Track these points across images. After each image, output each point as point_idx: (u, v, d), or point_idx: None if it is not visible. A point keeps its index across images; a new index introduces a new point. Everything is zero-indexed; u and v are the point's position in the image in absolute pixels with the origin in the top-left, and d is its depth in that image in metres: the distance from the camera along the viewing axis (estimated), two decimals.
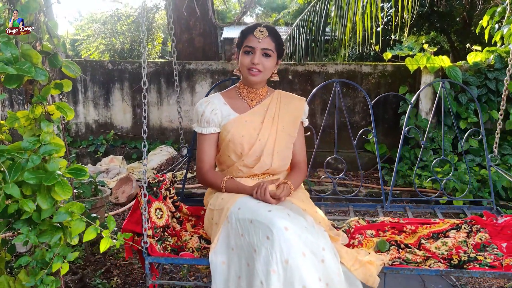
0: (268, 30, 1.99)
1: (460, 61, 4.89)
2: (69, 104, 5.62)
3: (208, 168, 2.08)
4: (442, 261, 1.89)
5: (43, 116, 1.58)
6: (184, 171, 2.77)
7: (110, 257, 2.99)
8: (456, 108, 4.56)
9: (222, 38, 14.61)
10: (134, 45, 10.78)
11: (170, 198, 2.24)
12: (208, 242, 2.06)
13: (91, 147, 5.62)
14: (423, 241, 2.10)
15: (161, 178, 2.17)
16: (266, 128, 2.05)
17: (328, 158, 2.84)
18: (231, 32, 14.78)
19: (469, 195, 3.90)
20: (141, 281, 2.72)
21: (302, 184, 2.20)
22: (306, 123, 2.24)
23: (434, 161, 2.92)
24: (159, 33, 11.74)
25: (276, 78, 2.10)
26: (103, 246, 1.60)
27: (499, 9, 4.83)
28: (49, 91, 1.59)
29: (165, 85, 5.55)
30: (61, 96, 3.24)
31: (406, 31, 6.24)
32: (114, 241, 1.62)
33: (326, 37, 6.92)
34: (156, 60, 9.14)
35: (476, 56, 4.78)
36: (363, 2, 5.96)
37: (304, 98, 2.21)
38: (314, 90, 2.69)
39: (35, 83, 1.61)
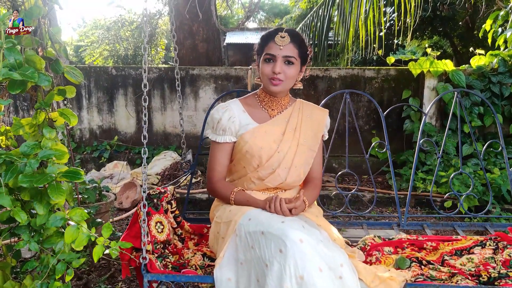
0: (290, 36, 1.84)
1: (464, 65, 4.89)
2: (73, 110, 5.65)
3: (218, 178, 1.96)
4: (470, 277, 1.76)
5: (46, 123, 1.58)
6: (188, 177, 2.73)
7: (115, 263, 2.99)
8: (460, 112, 4.55)
9: (225, 44, 14.65)
10: (137, 51, 10.81)
11: (172, 212, 2.13)
12: (213, 260, 1.93)
13: (95, 152, 5.63)
14: (446, 257, 1.98)
15: (162, 190, 2.07)
16: (287, 141, 1.92)
17: (340, 172, 2.79)
18: (234, 38, 14.84)
19: (474, 199, 3.89)
20: None
21: (315, 201, 2.08)
22: (326, 136, 2.10)
23: (453, 176, 2.84)
24: (162, 39, 11.78)
25: (299, 86, 1.96)
26: (96, 256, 1.55)
27: (502, 12, 4.84)
28: (53, 97, 1.60)
29: (168, 91, 5.57)
30: (65, 102, 3.26)
31: (409, 36, 6.24)
32: (108, 250, 1.56)
33: (329, 42, 6.93)
34: (160, 65, 9.17)
35: (479, 59, 4.78)
36: (366, 6, 5.97)
37: (327, 110, 2.10)
38: (324, 100, 2.66)
39: (39, 89, 1.62)
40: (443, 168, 4.37)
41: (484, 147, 2.75)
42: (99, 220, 2.55)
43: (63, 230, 1.62)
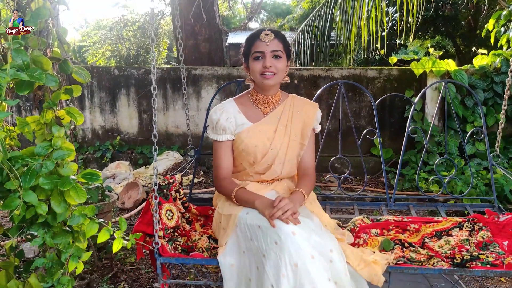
0: (274, 33, 1.97)
1: (466, 65, 4.88)
2: None
3: (224, 176, 2.05)
4: (445, 260, 1.91)
5: (54, 121, 1.60)
6: (191, 176, 2.79)
7: (117, 262, 3.00)
8: (463, 111, 4.55)
9: (227, 44, 14.66)
10: (140, 51, 10.84)
11: (180, 199, 2.28)
12: (217, 242, 2.07)
13: (97, 152, 5.65)
14: (426, 240, 2.13)
15: (171, 180, 2.22)
16: (279, 138, 2.04)
17: (333, 158, 2.83)
18: (236, 38, 14.83)
19: (477, 199, 3.88)
20: (148, 286, 2.72)
21: None
22: (318, 129, 2.19)
23: (438, 160, 2.93)
24: (165, 39, 11.80)
25: (286, 80, 2.07)
26: (115, 247, 1.64)
27: (504, 12, 4.83)
28: (59, 97, 1.62)
29: (171, 91, 5.58)
30: (68, 102, 3.26)
31: (411, 35, 6.24)
32: (126, 242, 1.65)
33: (331, 42, 6.93)
34: (162, 66, 9.18)
35: (482, 59, 4.77)
36: (368, 6, 5.97)
37: (317, 104, 2.18)
38: (318, 92, 2.69)
39: (45, 89, 1.63)
40: (445, 168, 4.36)
41: (468, 134, 2.78)
42: (101, 220, 2.56)
43: (67, 228, 1.66)
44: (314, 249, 1.63)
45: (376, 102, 2.66)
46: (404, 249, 2.03)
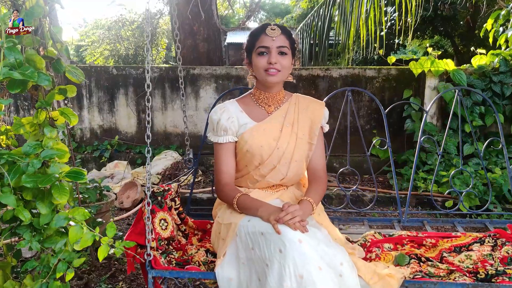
0: (280, 28, 1.87)
1: (465, 65, 4.88)
2: (74, 109, 5.65)
3: (227, 181, 1.92)
4: (467, 274, 1.77)
5: (47, 122, 1.58)
6: (189, 176, 2.73)
7: (115, 262, 2.99)
8: (461, 111, 4.54)
9: (225, 43, 14.64)
10: (138, 50, 10.82)
11: (176, 209, 2.15)
12: (216, 256, 1.94)
13: (96, 152, 5.63)
14: (445, 254, 1.98)
15: (166, 188, 2.09)
16: (285, 136, 1.92)
17: (342, 169, 2.78)
18: (235, 37, 14.83)
19: (475, 199, 3.88)
20: (146, 287, 2.71)
21: None
22: (327, 128, 2.07)
23: (454, 172, 2.83)
24: (163, 38, 11.78)
25: (290, 79, 1.97)
26: (101, 255, 1.56)
27: (503, 12, 4.83)
28: (53, 97, 1.60)
29: (169, 90, 5.57)
30: (66, 102, 3.25)
31: (410, 35, 6.24)
32: (115, 249, 1.59)
33: (330, 41, 6.92)
34: (161, 65, 9.17)
35: (480, 59, 4.76)
36: (366, 6, 5.97)
37: (323, 102, 2.07)
38: (325, 98, 2.66)
39: (40, 89, 1.61)
40: (444, 168, 4.36)
41: (485, 144, 2.75)
42: (99, 219, 2.55)
43: (63, 230, 1.63)
44: (322, 260, 1.51)
45: (386, 111, 2.58)
46: (421, 263, 1.87)
